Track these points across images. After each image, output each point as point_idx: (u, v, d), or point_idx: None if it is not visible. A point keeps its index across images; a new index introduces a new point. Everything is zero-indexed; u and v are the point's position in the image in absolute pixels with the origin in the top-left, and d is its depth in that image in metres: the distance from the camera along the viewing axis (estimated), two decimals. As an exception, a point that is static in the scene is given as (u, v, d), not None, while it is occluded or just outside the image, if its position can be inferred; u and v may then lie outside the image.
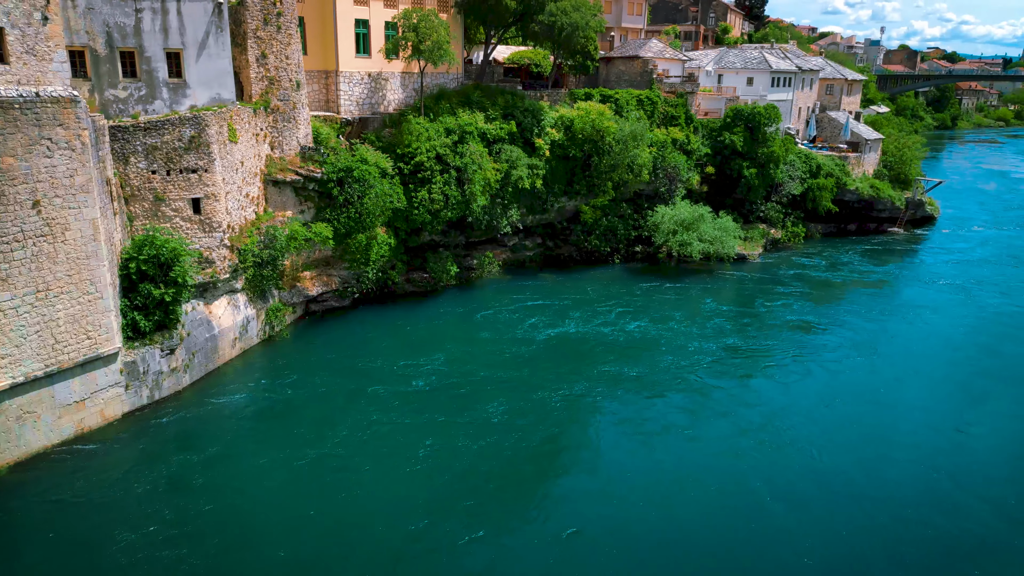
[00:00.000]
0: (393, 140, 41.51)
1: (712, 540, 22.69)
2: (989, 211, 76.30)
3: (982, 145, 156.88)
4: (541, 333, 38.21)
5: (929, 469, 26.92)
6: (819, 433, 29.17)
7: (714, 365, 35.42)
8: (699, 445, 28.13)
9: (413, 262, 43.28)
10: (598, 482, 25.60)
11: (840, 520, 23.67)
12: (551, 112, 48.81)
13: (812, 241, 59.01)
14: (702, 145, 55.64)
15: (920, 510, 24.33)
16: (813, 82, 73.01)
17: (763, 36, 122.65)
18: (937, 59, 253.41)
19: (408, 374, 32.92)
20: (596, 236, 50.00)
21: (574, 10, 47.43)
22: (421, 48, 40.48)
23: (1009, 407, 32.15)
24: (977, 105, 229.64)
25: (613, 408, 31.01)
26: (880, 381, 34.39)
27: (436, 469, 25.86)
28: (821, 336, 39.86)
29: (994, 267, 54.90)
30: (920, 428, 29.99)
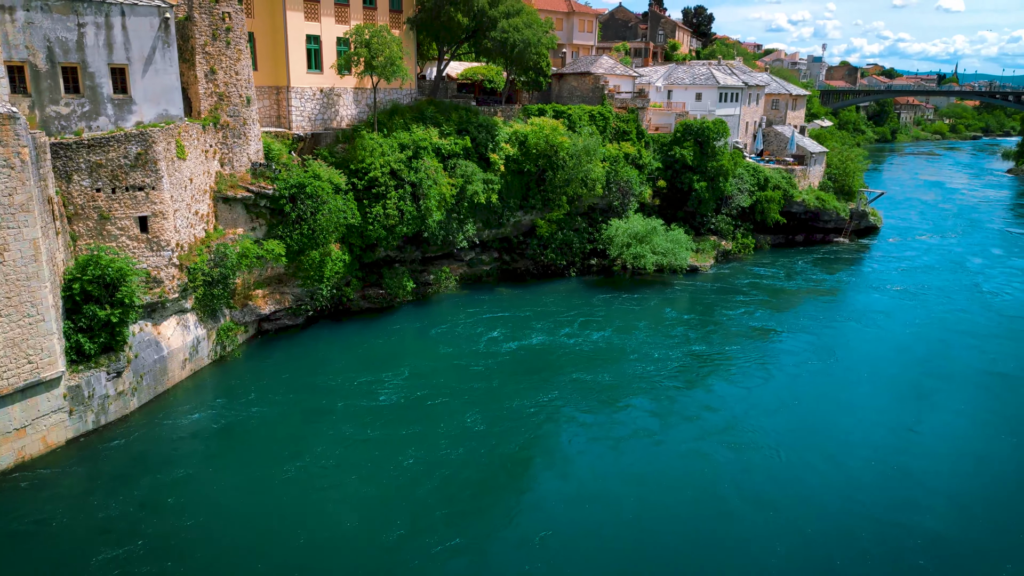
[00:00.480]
0: (346, 156, 41.24)
1: (683, 540, 23.37)
2: (929, 220, 79.25)
3: (920, 157, 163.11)
4: (505, 345, 38.36)
5: (884, 466, 28.02)
6: (781, 435, 30.16)
7: (678, 372, 36.35)
8: (667, 448, 28.94)
9: (368, 278, 42.93)
10: (570, 486, 26.10)
11: (804, 518, 24.50)
12: (505, 127, 49.13)
13: (762, 252, 60.40)
14: (653, 159, 56.60)
15: (877, 506, 25.35)
16: (759, 97, 75.01)
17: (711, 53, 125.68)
18: (876, 75, 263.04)
19: (372, 389, 32.69)
20: (552, 250, 50.35)
21: (526, 27, 47.94)
22: (374, 64, 40.41)
23: (956, 405, 33.69)
24: (915, 119, 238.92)
25: (582, 415, 31.63)
26: (836, 383, 35.74)
27: (409, 480, 25.96)
28: (779, 342, 41.10)
29: (938, 273, 57.07)
30: (874, 428, 31.19)
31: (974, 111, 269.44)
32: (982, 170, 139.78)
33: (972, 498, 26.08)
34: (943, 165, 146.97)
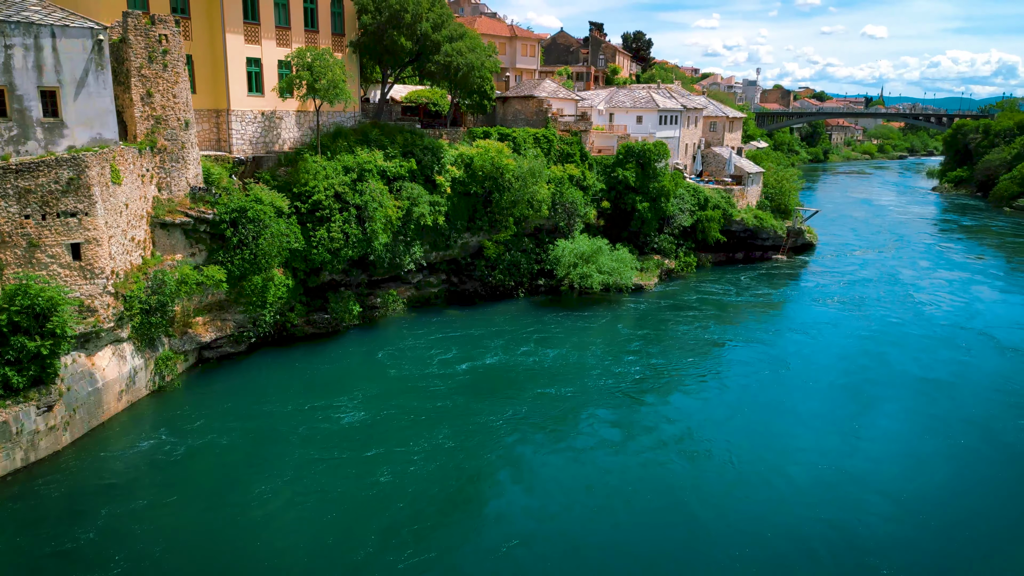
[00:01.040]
0: (289, 179, 40.71)
1: (645, 546, 23.99)
2: (862, 236, 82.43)
3: (851, 176, 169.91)
4: (459, 366, 38.36)
5: (832, 470, 29.18)
6: (734, 442, 31.21)
7: (636, 385, 37.30)
8: (627, 458, 29.71)
9: (313, 303, 42.25)
10: (536, 498, 26.67)
11: (760, 521, 25.37)
12: (451, 150, 49.29)
13: (704, 270, 61.79)
14: (597, 181, 57.52)
15: (827, 507, 26.35)
16: (698, 120, 77.17)
17: (650, 77, 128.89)
18: (808, 98, 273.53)
19: (327, 414, 32.26)
20: (500, 270, 50.51)
21: (469, 51, 48.39)
22: (316, 87, 40.14)
23: (895, 409, 35.36)
24: (845, 140, 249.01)
25: (544, 429, 32.07)
26: (784, 392, 37.18)
27: (375, 499, 25.95)
28: (729, 354, 42.47)
29: (874, 286, 59.47)
30: (822, 433, 32.52)
31: (900, 132, 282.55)
32: (909, 188, 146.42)
33: (913, 498, 27.29)
34: (873, 184, 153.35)
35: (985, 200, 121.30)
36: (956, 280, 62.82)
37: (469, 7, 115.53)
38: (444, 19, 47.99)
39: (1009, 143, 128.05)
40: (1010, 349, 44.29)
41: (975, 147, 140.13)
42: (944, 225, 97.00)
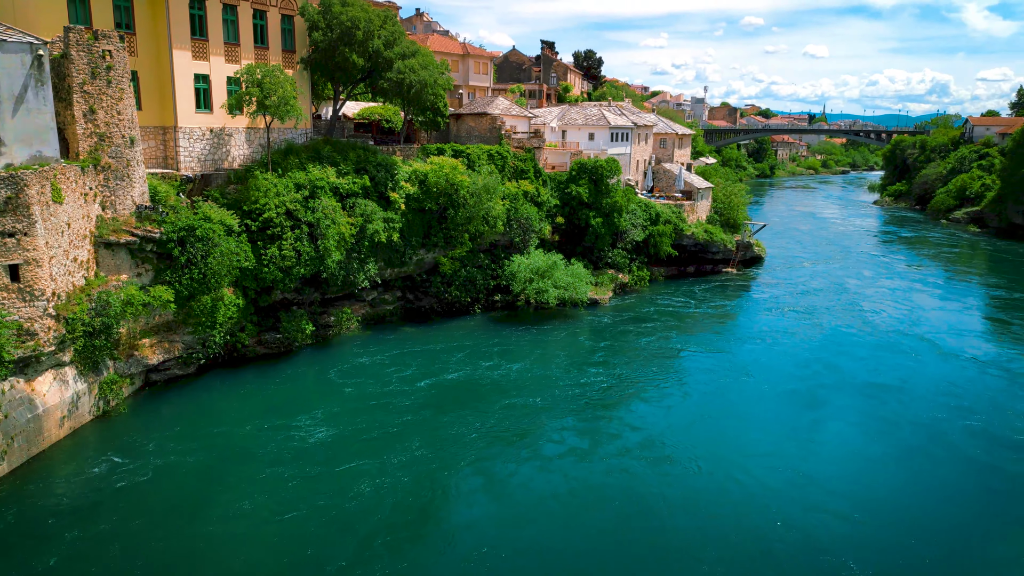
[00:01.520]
0: (239, 196, 40.03)
1: (613, 550, 24.42)
2: (808, 249, 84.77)
3: (797, 191, 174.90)
4: (420, 382, 38.23)
5: (790, 472, 30.09)
6: (697, 447, 32.10)
7: (599, 395, 38.02)
8: (594, 466, 30.27)
9: (265, 322, 41.47)
10: (505, 507, 27.10)
11: (723, 523, 26.11)
12: (405, 166, 49.16)
13: (657, 283, 62.68)
14: (551, 197, 58.00)
15: (786, 508, 27.19)
16: (648, 137, 78.59)
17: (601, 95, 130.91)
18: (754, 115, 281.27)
19: (288, 433, 31.83)
20: (456, 287, 50.39)
21: (422, 68, 48.46)
22: (267, 103, 39.68)
23: (846, 413, 36.77)
24: (790, 156, 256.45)
25: (511, 439, 32.40)
26: (743, 398, 38.34)
27: (345, 514, 25.98)
28: (689, 363, 43.51)
29: (823, 295, 61.43)
30: (779, 437, 33.65)
31: (842, 148, 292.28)
32: (851, 202, 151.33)
33: (866, 497, 28.35)
34: (817, 198, 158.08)
35: (923, 213, 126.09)
36: (898, 288, 65.21)
37: (421, 25, 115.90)
38: (396, 36, 48.02)
39: (944, 158, 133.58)
40: (950, 354, 46.05)
41: (912, 162, 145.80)
42: (885, 237, 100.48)
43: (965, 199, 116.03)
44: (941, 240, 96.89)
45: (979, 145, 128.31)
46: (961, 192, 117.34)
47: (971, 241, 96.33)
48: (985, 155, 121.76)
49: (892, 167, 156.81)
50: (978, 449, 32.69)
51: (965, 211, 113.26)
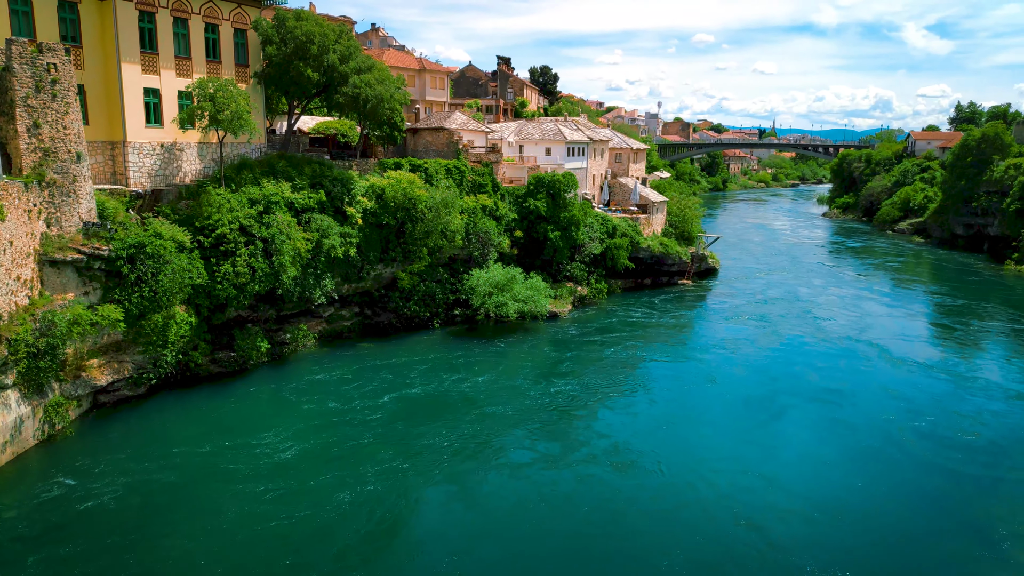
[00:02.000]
0: (191, 212, 39.26)
1: (582, 555, 24.88)
2: (761, 260, 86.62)
3: (749, 203, 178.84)
4: (383, 396, 37.99)
5: (750, 475, 30.84)
6: (662, 453, 32.78)
7: (567, 404, 38.71)
8: (563, 473, 30.76)
9: (219, 340, 40.59)
10: (477, 514, 27.34)
11: (690, 526, 26.93)
12: (361, 181, 48.84)
13: (615, 296, 63.28)
14: (510, 211, 58.23)
15: (748, 510, 27.88)
16: (604, 151, 79.57)
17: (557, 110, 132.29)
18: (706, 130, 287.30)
19: (250, 451, 31.29)
20: (415, 301, 50.09)
21: (378, 83, 48.32)
22: (219, 118, 39.08)
23: (802, 417, 38.01)
24: (742, 169, 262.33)
25: (479, 449, 32.66)
26: (704, 404, 39.42)
27: (318, 526, 25.89)
28: (652, 372, 44.50)
29: (777, 304, 63.04)
30: (739, 441, 34.52)
31: (791, 161, 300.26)
32: (801, 214, 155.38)
33: (824, 497, 29.36)
34: (768, 210, 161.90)
35: (870, 224, 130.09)
36: (848, 297, 67.14)
37: (377, 40, 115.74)
38: (352, 51, 47.84)
39: (888, 171, 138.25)
40: (899, 359, 47.58)
41: (859, 175, 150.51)
42: (834, 248, 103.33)
43: (909, 211, 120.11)
44: (887, 250, 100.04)
45: (921, 159, 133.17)
46: (905, 204, 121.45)
47: (915, 251, 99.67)
48: (927, 168, 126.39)
49: (839, 180, 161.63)
50: (927, 450, 33.77)
51: (909, 222, 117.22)
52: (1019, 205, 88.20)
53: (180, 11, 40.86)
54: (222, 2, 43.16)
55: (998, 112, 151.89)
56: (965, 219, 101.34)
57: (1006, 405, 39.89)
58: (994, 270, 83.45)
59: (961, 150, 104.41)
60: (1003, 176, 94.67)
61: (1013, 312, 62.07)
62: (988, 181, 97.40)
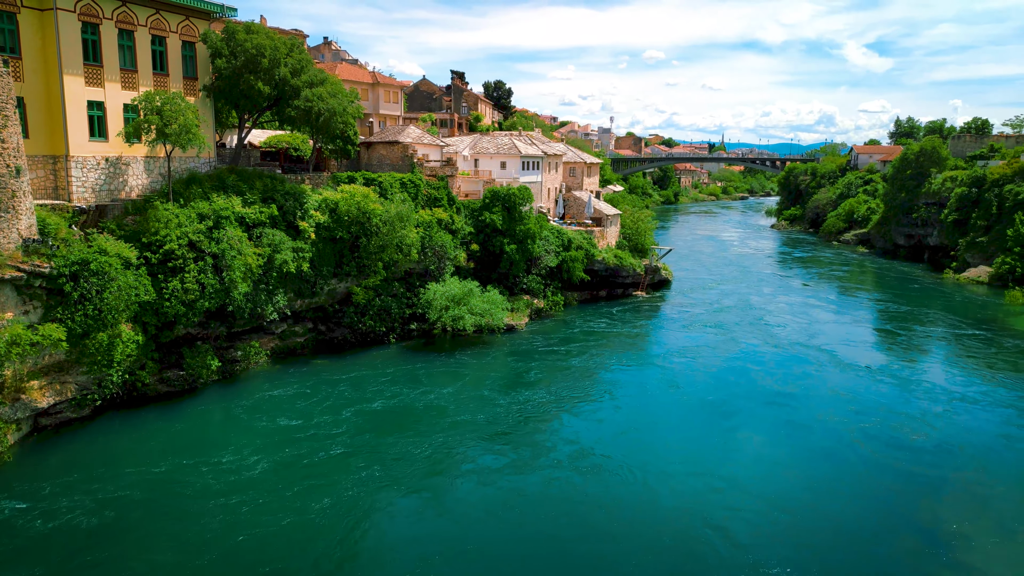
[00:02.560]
0: (138, 228, 38.25)
1: (553, 557, 25.62)
2: (712, 271, 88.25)
3: (700, 216, 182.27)
4: (341, 412, 37.64)
5: (710, 477, 32.01)
6: (626, 457, 33.72)
7: (533, 412, 39.33)
8: (532, 478, 31.48)
9: (167, 359, 39.50)
10: (446, 523, 27.74)
11: (654, 526, 27.86)
12: (314, 195, 48.28)
13: (571, 308, 63.70)
14: (465, 224, 58.23)
15: (708, 510, 29.02)
16: (558, 165, 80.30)
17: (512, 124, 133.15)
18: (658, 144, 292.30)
19: (204, 471, 30.69)
20: (370, 316, 49.58)
21: (331, 96, 47.94)
22: (167, 131, 38.23)
23: (758, 421, 39.03)
24: (693, 183, 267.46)
25: (447, 458, 33.07)
26: (666, 409, 40.55)
27: (289, 537, 26.13)
28: (613, 379, 45.40)
29: (731, 312, 64.64)
30: (699, 445, 35.70)
31: (740, 175, 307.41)
32: (751, 226, 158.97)
33: (780, 496, 30.39)
34: (719, 222, 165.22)
35: (816, 235, 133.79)
36: (796, 304, 69.10)
37: (330, 53, 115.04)
38: (304, 64, 47.41)
39: (833, 184, 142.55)
40: (846, 363, 49.30)
41: (805, 188, 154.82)
42: (782, 258, 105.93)
43: (853, 222, 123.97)
44: (832, 260, 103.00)
45: (864, 172, 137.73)
46: (849, 215, 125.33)
47: (859, 261, 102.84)
48: (869, 181, 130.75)
49: (787, 192, 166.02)
50: (876, 451, 35.04)
51: (854, 233, 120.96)
52: (956, 216, 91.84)
53: (125, 23, 39.98)
54: (169, 14, 42.39)
55: (935, 127, 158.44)
56: (906, 230, 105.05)
57: (949, 407, 41.40)
58: (934, 278, 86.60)
59: (901, 163, 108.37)
60: (940, 188, 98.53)
61: (952, 318, 64.46)
62: (927, 193, 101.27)
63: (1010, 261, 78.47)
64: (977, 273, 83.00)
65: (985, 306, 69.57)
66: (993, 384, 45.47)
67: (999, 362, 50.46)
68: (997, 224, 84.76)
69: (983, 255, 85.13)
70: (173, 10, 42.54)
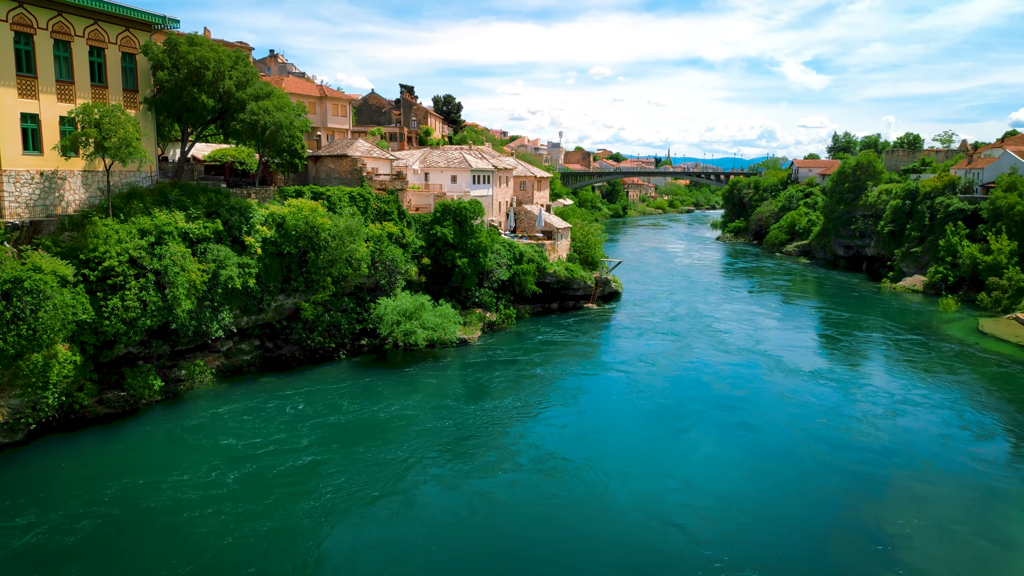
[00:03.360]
0: (76, 244, 36.91)
1: (520, 556, 26.35)
2: (661, 282, 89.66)
3: (648, 229, 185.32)
4: (290, 429, 37.06)
5: (665, 477, 33.25)
6: (586, 461, 34.60)
7: (492, 420, 39.86)
8: (497, 481, 32.27)
9: (107, 379, 38.10)
10: (416, 527, 28.29)
11: (615, 524, 28.82)
12: (261, 209, 47.41)
13: (523, 321, 63.86)
14: (416, 238, 57.93)
15: (664, 508, 30.19)
16: (509, 179, 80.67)
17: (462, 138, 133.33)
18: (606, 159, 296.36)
19: (150, 494, 29.88)
20: (319, 332, 48.77)
21: (277, 109, 47.25)
22: (106, 145, 37.08)
23: (709, 424, 40.24)
24: (641, 196, 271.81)
25: (413, 467, 33.51)
26: (623, 415, 41.51)
27: (253, 546, 26.34)
28: (570, 388, 46.34)
29: (681, 321, 66.34)
30: (656, 448, 36.88)
31: (686, 188, 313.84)
32: (697, 238, 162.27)
33: (732, 494, 31.55)
34: (666, 235, 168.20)
35: (760, 246, 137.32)
36: (743, 313, 70.94)
37: (276, 66, 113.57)
38: (249, 77, 46.64)
39: (775, 197, 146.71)
40: (792, 368, 51.17)
41: (748, 201, 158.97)
42: (728, 269, 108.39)
43: (795, 233, 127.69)
44: (776, 270, 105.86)
45: (804, 185, 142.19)
46: (791, 227, 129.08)
47: (801, 271, 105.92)
48: (810, 194, 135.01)
49: (731, 206, 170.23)
50: (821, 450, 36.45)
51: (795, 244, 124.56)
52: (891, 228, 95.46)
53: (62, 33, 38.73)
54: (108, 25, 41.24)
55: (870, 142, 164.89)
56: (845, 241, 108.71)
57: (890, 409, 43.07)
58: (872, 288, 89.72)
59: (839, 177, 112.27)
60: (877, 200, 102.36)
61: (890, 325, 66.89)
62: (864, 205, 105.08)
63: (942, 270, 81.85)
64: (912, 282, 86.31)
65: (920, 313, 72.38)
66: (931, 387, 47.30)
67: (936, 366, 52.52)
68: (930, 235, 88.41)
69: (917, 265, 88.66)
70: (112, 21, 41.40)
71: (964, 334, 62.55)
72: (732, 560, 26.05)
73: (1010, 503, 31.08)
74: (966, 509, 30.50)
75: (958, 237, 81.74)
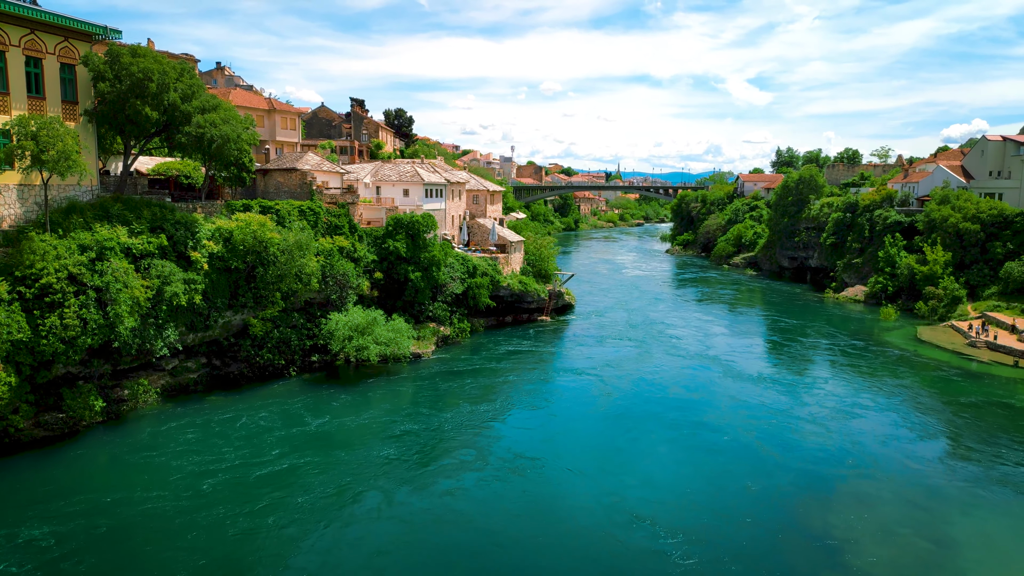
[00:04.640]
0: (10, 261, 35.47)
1: (491, 553, 27.37)
2: (612, 294, 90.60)
3: (600, 242, 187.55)
4: (240, 449, 36.33)
5: (623, 475, 34.45)
6: (550, 461, 35.82)
7: (453, 428, 40.45)
8: (464, 482, 33.22)
9: (44, 401, 36.57)
10: (388, 525, 29.13)
11: (575, 520, 29.95)
12: (207, 224, 46.35)
13: (478, 334, 63.72)
14: (368, 252, 57.37)
15: (624, 504, 31.31)
16: (461, 193, 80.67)
17: (414, 152, 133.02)
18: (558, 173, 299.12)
19: (86, 518, 28.62)
20: (268, 349, 47.76)
21: (224, 122, 46.36)
22: (44, 158, 35.81)
23: (663, 426, 41.72)
24: (592, 210, 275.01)
25: (388, 476, 33.88)
26: (581, 419, 42.73)
27: (225, 553, 26.39)
28: (531, 394, 47.39)
29: (635, 331, 67.68)
30: (614, 448, 37.97)
31: (636, 202, 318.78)
32: (647, 251, 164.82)
33: (689, 492, 32.85)
34: (617, 248, 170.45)
35: (708, 258, 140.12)
36: (693, 320, 72.69)
37: (223, 79, 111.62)
38: (195, 89, 45.69)
39: (722, 210, 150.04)
40: (740, 373, 52.93)
41: (696, 214, 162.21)
42: (677, 281, 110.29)
43: (742, 246, 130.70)
44: (723, 281, 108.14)
45: (749, 198, 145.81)
46: (738, 240, 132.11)
47: (748, 282, 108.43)
48: (755, 207, 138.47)
49: (680, 219, 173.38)
50: (771, 450, 37.77)
51: (742, 256, 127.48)
52: (833, 240, 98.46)
53: (-5, 42, 37.39)
54: (46, 35, 39.96)
55: (811, 156, 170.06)
56: (789, 252, 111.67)
57: (836, 411, 44.63)
58: (816, 297, 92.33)
59: (783, 191, 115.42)
60: (819, 213, 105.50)
61: (834, 332, 68.91)
62: (807, 218, 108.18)
63: (882, 280, 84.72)
64: (854, 292, 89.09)
65: (862, 322, 74.75)
66: (874, 391, 48.92)
67: (879, 371, 54.30)
68: (869, 246, 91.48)
69: (858, 275, 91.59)
70: (50, 31, 40.14)
71: (904, 341, 64.80)
72: (687, 552, 27.43)
73: (950, 503, 32.18)
74: (909, 510, 31.47)
75: (896, 248, 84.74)
